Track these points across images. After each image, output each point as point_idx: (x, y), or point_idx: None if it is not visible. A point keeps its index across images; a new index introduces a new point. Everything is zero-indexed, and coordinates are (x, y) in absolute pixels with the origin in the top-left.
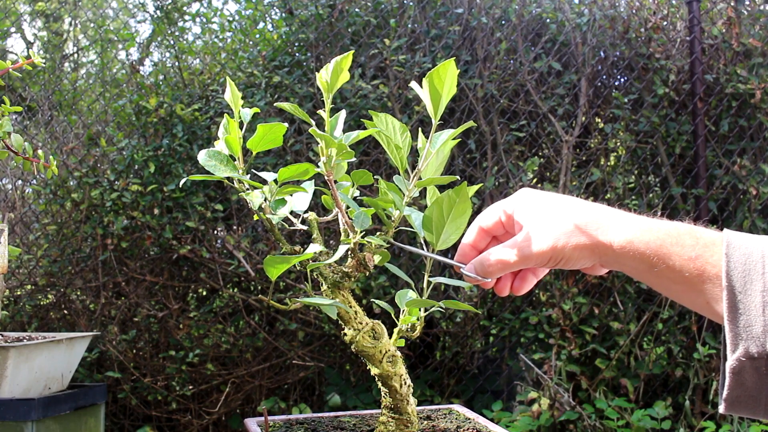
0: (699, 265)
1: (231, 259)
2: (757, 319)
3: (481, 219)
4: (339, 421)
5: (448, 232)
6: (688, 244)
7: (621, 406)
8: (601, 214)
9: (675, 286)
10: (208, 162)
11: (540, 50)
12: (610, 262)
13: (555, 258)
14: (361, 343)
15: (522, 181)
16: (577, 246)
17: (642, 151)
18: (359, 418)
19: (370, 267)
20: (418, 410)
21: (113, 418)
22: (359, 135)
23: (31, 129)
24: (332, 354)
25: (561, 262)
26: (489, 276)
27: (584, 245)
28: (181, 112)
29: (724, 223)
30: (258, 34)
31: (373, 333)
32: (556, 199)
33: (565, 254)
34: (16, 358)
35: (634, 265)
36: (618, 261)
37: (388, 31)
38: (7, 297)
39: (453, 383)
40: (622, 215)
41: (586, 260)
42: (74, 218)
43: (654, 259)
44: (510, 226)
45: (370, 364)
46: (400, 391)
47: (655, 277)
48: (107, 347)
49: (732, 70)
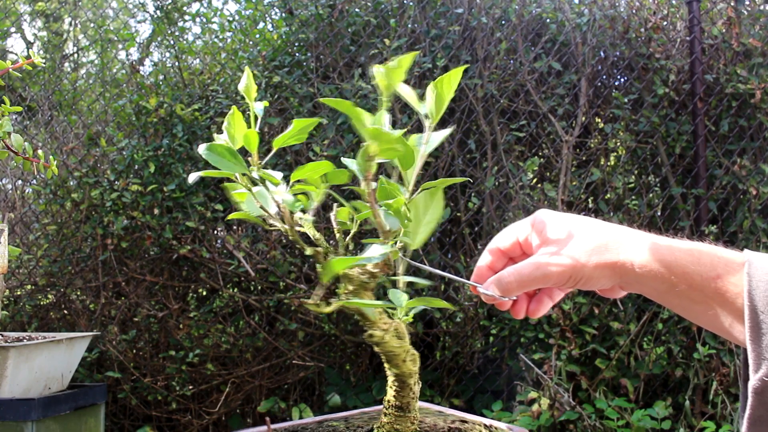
0: (720, 285)
1: (231, 259)
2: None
3: (497, 240)
4: (328, 426)
5: (423, 232)
6: (709, 263)
7: (621, 406)
8: (621, 235)
9: (695, 307)
10: (210, 156)
11: (540, 50)
12: (630, 283)
13: (575, 277)
14: (390, 344)
15: (522, 181)
16: (597, 265)
17: (642, 151)
18: (349, 422)
19: (393, 267)
20: None
21: (113, 418)
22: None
23: (31, 129)
24: (332, 354)
25: (580, 282)
26: (506, 294)
27: (605, 264)
28: (181, 112)
29: (724, 223)
30: (258, 34)
31: (398, 333)
32: (575, 219)
33: (585, 273)
34: (16, 358)
35: (655, 285)
36: (638, 281)
37: (388, 31)
38: (7, 297)
39: (453, 383)
40: (643, 235)
41: (606, 280)
42: (74, 218)
43: (674, 279)
44: (527, 247)
45: (391, 364)
46: (414, 389)
47: (675, 297)
48: (107, 347)
49: (732, 70)
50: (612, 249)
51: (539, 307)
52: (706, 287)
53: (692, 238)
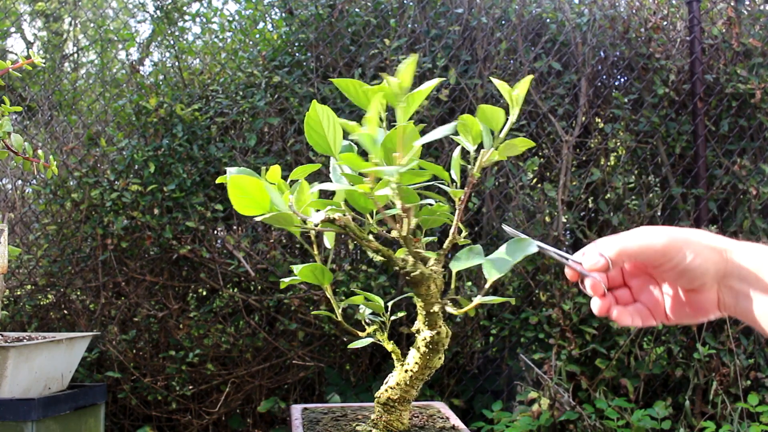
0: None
1: (231, 259)
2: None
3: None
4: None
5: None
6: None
7: (621, 406)
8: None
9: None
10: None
11: (540, 50)
12: (732, 278)
13: (683, 251)
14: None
15: (522, 181)
16: (707, 246)
17: (642, 151)
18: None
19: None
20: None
21: (113, 418)
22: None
23: (31, 129)
24: (332, 354)
25: (683, 261)
26: (611, 258)
27: (713, 247)
28: (181, 112)
29: (724, 223)
30: (258, 34)
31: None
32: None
33: (691, 249)
34: (16, 358)
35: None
36: (741, 276)
37: (388, 31)
38: (7, 297)
39: (453, 383)
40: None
41: (711, 266)
42: (74, 218)
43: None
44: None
45: (435, 355)
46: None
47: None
48: (107, 347)
49: (732, 70)
50: (720, 239)
51: (623, 314)
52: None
53: None
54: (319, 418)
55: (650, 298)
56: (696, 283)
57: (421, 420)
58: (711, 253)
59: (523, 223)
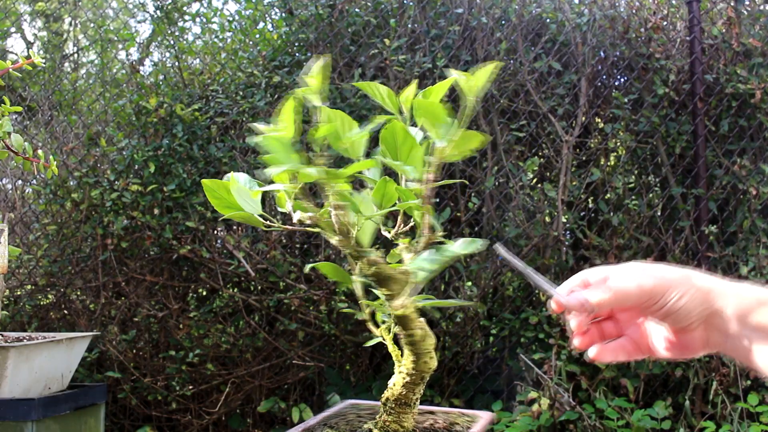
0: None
1: (231, 259)
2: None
3: (585, 272)
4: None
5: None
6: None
7: (621, 406)
8: (716, 279)
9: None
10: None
11: (540, 50)
12: (715, 319)
13: (669, 292)
14: (429, 343)
15: (522, 181)
16: (693, 285)
17: (642, 151)
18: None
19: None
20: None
21: (113, 418)
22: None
23: (31, 129)
24: (332, 354)
25: (670, 301)
26: (597, 305)
27: (699, 287)
28: (181, 112)
29: (724, 223)
30: (258, 34)
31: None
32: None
33: (679, 291)
34: (16, 358)
35: (743, 317)
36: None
37: (388, 31)
38: (7, 297)
39: (453, 383)
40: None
41: (697, 305)
42: (74, 218)
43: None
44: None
45: (419, 358)
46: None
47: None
48: (107, 347)
49: (732, 70)
50: (707, 279)
51: (605, 352)
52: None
53: (692, 238)
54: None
55: (636, 331)
56: (683, 323)
57: (434, 425)
58: (698, 293)
59: (523, 222)
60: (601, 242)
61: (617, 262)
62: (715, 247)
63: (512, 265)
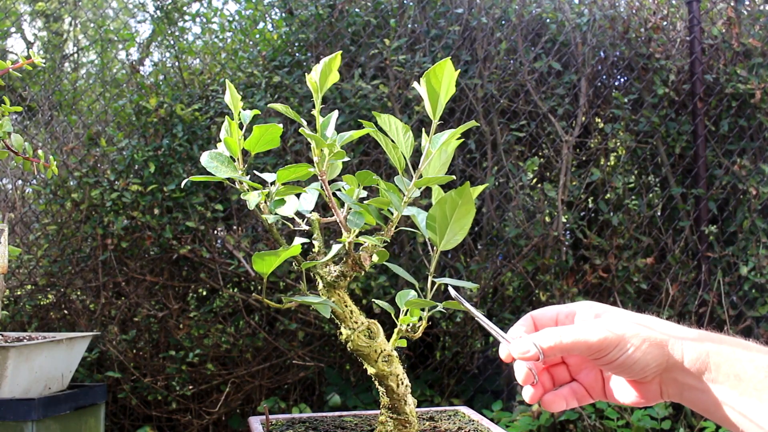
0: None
1: (231, 259)
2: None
3: (535, 313)
4: (341, 421)
5: (452, 232)
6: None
7: (621, 406)
8: (671, 325)
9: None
10: (209, 163)
11: (540, 50)
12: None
13: (620, 347)
14: (356, 342)
15: (522, 181)
16: (646, 338)
17: (642, 151)
18: (361, 418)
19: (365, 266)
20: (423, 411)
21: (113, 418)
22: (353, 135)
23: (31, 129)
24: (332, 354)
25: (622, 356)
26: (544, 353)
27: (653, 341)
28: (181, 112)
29: (724, 223)
30: (258, 34)
31: (369, 332)
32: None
33: (631, 344)
34: (16, 358)
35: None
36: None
37: (388, 31)
38: (7, 297)
39: (453, 383)
40: (693, 330)
41: (652, 359)
42: (74, 218)
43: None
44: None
45: (366, 363)
46: (396, 391)
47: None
48: (107, 347)
49: (732, 70)
50: (661, 330)
51: (556, 401)
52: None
53: (692, 238)
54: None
55: (588, 376)
56: (636, 376)
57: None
58: (651, 347)
59: (523, 222)
60: (601, 242)
61: (617, 262)
62: (715, 247)
63: (465, 307)
